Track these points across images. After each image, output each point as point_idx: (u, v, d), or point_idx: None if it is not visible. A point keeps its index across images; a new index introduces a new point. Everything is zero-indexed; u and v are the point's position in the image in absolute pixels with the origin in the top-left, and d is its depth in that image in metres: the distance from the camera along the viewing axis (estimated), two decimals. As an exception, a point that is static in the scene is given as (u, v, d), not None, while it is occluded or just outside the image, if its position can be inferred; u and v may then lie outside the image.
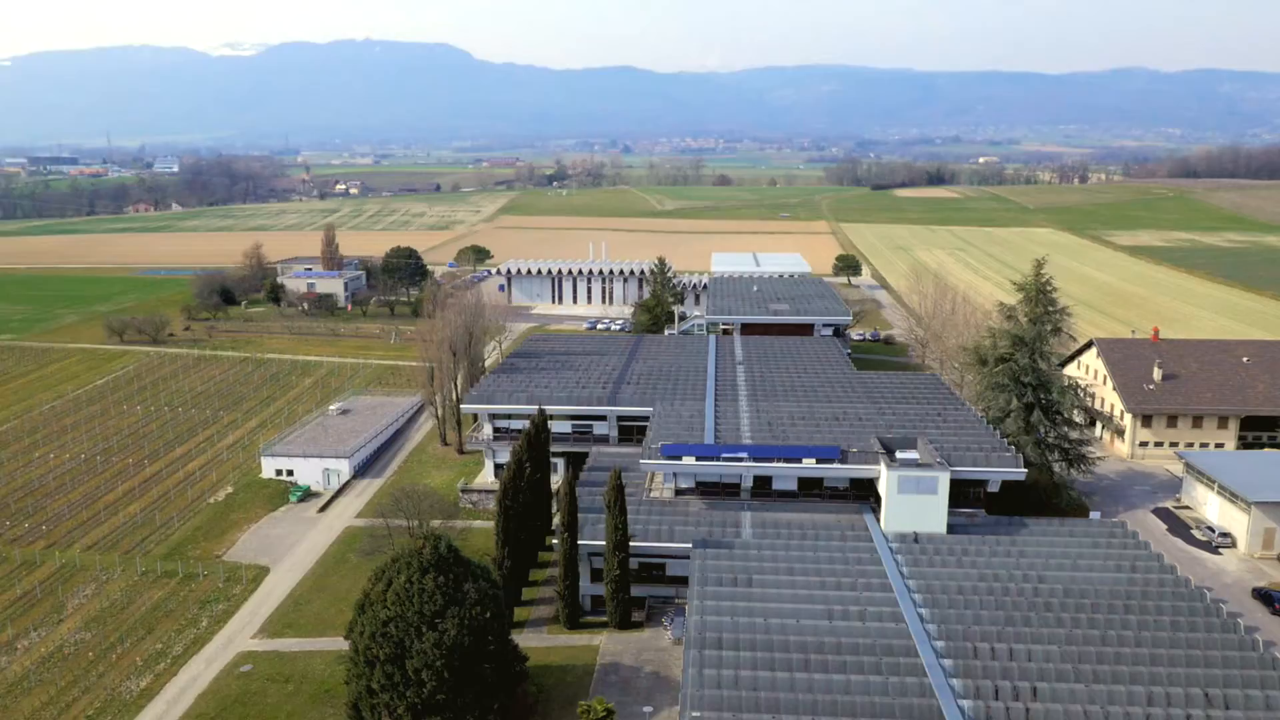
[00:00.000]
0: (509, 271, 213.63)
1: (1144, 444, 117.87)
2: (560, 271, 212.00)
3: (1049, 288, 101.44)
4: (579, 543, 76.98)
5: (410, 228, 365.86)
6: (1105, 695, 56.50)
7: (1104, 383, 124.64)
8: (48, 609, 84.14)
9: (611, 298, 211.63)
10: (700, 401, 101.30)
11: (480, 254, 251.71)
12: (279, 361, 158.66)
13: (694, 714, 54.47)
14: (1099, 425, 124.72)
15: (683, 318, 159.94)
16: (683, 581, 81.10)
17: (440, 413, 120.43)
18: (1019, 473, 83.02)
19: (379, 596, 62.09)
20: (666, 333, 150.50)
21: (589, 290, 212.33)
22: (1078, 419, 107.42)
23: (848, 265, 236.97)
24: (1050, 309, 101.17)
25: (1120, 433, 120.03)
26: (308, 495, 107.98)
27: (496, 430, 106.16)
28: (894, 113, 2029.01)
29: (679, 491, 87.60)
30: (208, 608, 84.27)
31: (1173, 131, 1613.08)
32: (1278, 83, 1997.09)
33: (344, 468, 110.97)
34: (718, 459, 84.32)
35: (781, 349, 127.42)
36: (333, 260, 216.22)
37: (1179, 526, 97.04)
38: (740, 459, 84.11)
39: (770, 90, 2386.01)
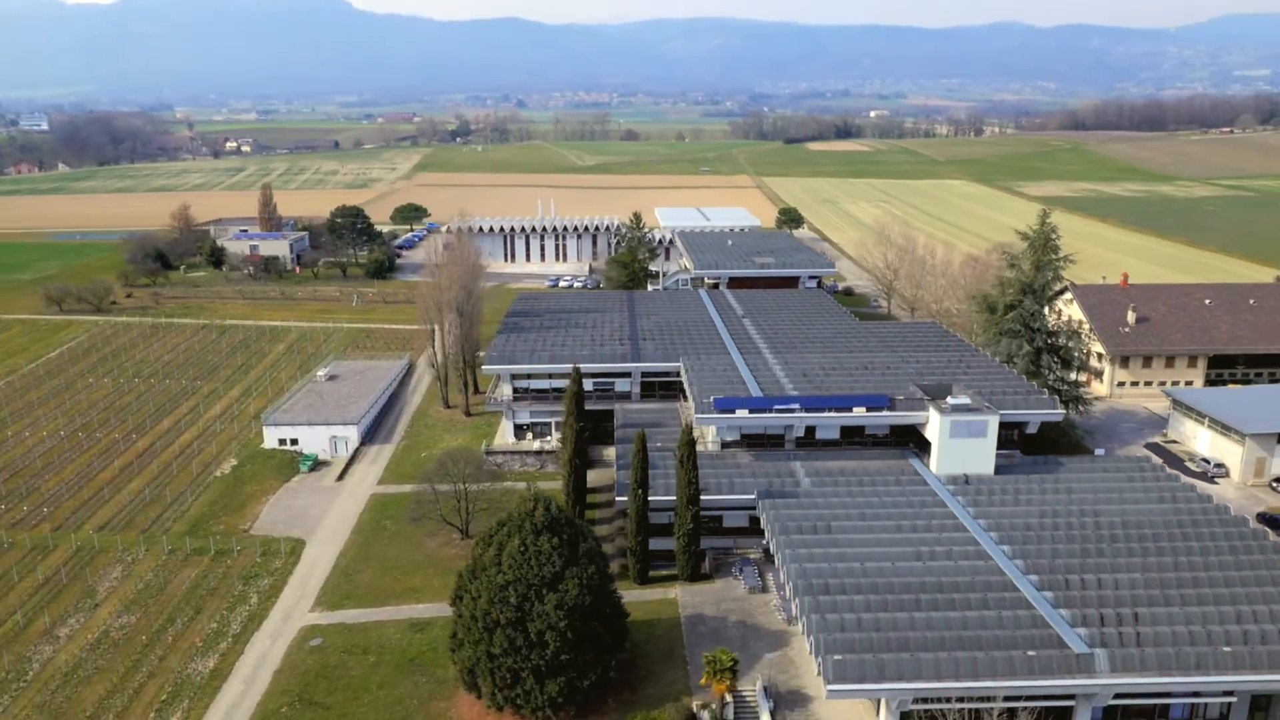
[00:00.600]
0: (458, 230, 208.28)
1: (1121, 384, 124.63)
2: (512, 229, 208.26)
3: (1054, 236, 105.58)
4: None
5: (326, 186, 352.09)
6: (1200, 616, 60.46)
7: (1079, 327, 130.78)
8: (78, 594, 79.59)
9: (565, 255, 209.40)
10: (725, 355, 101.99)
11: (417, 212, 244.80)
12: (243, 328, 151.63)
13: (835, 658, 55.83)
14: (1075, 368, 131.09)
15: (657, 274, 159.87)
16: (739, 532, 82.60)
17: (443, 375, 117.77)
18: (1057, 414, 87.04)
19: (491, 561, 61.16)
20: (650, 288, 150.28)
21: (541, 248, 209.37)
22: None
23: (790, 218, 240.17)
24: (1053, 256, 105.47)
25: (1098, 374, 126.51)
26: (318, 464, 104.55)
27: (516, 391, 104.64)
28: (783, 67, 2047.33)
29: (724, 445, 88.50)
30: (253, 583, 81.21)
31: (1048, 85, 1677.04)
32: (1143, 38, 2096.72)
33: (352, 434, 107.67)
34: (770, 411, 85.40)
35: (776, 301, 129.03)
36: (271, 221, 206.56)
37: (1173, 460, 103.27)
38: (793, 410, 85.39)
39: (661, 43, 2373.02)
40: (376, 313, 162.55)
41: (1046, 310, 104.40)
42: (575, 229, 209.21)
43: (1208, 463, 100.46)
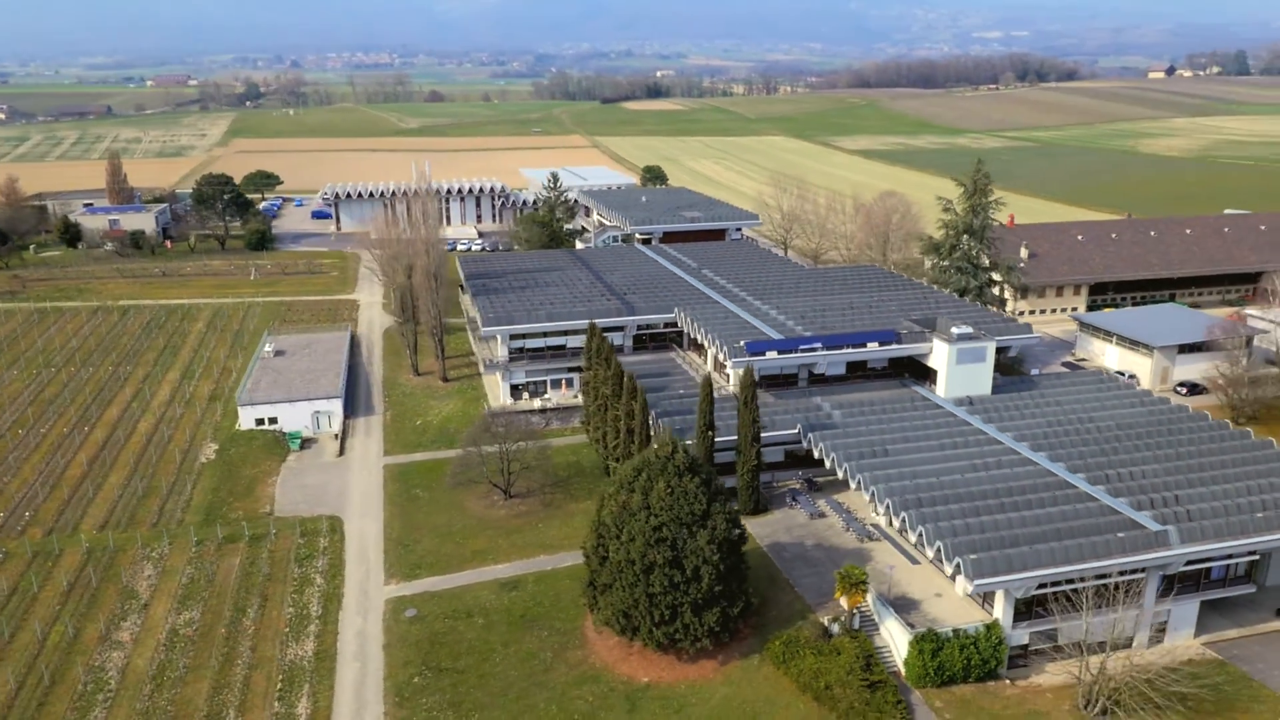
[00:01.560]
0: (334, 196, 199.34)
1: (1021, 314, 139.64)
2: (393, 193, 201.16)
3: (985, 181, 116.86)
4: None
5: (134, 155, 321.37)
6: (1220, 493, 71.89)
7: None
8: (116, 595, 73.93)
9: (450, 219, 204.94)
10: (716, 304, 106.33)
11: (269, 180, 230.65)
12: (145, 308, 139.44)
13: (972, 557, 62.52)
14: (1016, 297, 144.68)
15: (580, 232, 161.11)
16: (776, 467, 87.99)
17: (413, 342, 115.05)
18: (1035, 338, 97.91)
19: (640, 505, 63.23)
20: (579, 246, 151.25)
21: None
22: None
23: (655, 176, 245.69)
24: (985, 199, 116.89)
25: (1001, 305, 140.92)
26: (306, 441, 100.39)
27: (512, 352, 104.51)
28: (563, 27, 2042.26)
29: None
30: (309, 564, 78.36)
31: (814, 46, 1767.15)
32: (895, 1, 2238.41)
33: (336, 408, 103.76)
34: (796, 351, 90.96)
35: (718, 253, 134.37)
36: (121, 194, 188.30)
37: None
38: (815, 349, 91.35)
39: (435, 2, 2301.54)
40: (281, 285, 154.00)
41: (988, 247, 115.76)
42: (459, 192, 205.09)
43: (1120, 374, 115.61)
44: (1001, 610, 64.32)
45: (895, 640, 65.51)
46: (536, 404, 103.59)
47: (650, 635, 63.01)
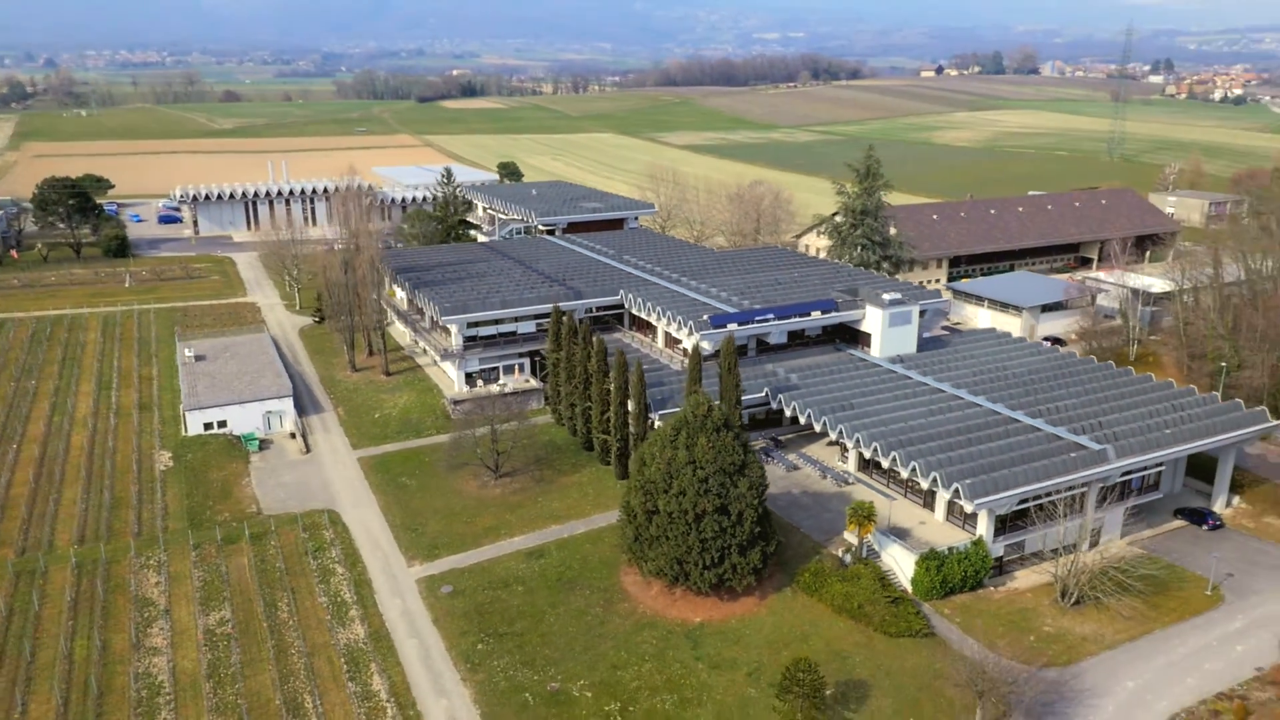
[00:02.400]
0: (191, 198, 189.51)
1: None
2: (254, 194, 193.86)
3: (877, 166, 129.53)
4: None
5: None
6: (1132, 417, 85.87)
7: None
8: (131, 605, 71.65)
9: (315, 219, 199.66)
10: (656, 285, 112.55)
11: (99, 183, 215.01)
12: (21, 321, 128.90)
13: (967, 482, 72.41)
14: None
15: (478, 226, 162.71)
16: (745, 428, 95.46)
17: (351, 338, 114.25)
18: (944, 301, 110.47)
19: (684, 460, 68.82)
20: (481, 239, 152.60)
21: (288, 213, 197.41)
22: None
23: (511, 172, 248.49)
24: (876, 183, 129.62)
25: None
26: (264, 443, 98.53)
27: (467, 340, 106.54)
28: (347, 25, 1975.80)
29: (706, 358, 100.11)
30: (322, 555, 78.63)
31: (604, 46, 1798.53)
32: (679, 3, 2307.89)
33: (288, 407, 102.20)
34: (753, 322, 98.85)
35: (627, 241, 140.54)
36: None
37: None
38: (769, 319, 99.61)
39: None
40: (162, 291, 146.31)
41: (881, 224, 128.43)
42: (323, 192, 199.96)
43: (1049, 340, 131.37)
44: (984, 527, 74.68)
45: (899, 563, 74.53)
46: (494, 389, 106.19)
47: (701, 578, 68.84)
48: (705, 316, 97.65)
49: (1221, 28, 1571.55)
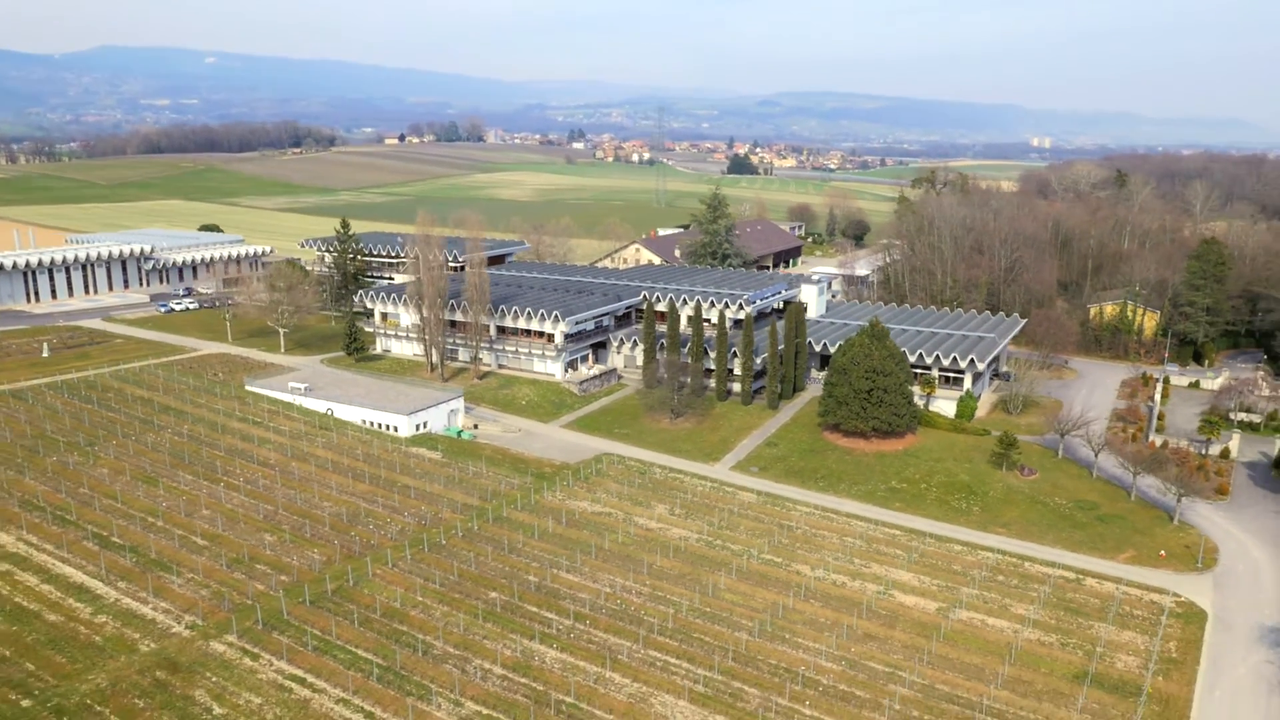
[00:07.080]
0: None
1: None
2: (36, 264, 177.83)
3: (721, 200, 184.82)
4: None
5: None
6: (969, 340, 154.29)
7: (647, 262, 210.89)
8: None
9: (96, 287, 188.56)
10: (672, 286, 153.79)
11: None
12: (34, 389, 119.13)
13: (971, 356, 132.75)
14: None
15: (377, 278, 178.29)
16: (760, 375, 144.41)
17: (442, 357, 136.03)
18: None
19: (852, 360, 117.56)
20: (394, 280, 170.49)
21: (69, 282, 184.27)
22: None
23: (212, 228, 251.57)
24: (722, 211, 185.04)
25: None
26: (465, 432, 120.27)
27: (567, 338, 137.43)
28: None
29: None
30: (650, 475, 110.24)
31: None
32: (38, 64, 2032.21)
33: (461, 405, 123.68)
34: (764, 299, 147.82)
35: (550, 269, 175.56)
36: None
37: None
38: (768, 298, 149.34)
39: None
40: (95, 356, 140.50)
41: (728, 245, 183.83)
42: (102, 257, 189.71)
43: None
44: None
45: (944, 409, 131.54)
46: (594, 371, 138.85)
47: (862, 425, 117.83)
48: (747, 294, 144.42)
49: (580, 103, 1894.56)
